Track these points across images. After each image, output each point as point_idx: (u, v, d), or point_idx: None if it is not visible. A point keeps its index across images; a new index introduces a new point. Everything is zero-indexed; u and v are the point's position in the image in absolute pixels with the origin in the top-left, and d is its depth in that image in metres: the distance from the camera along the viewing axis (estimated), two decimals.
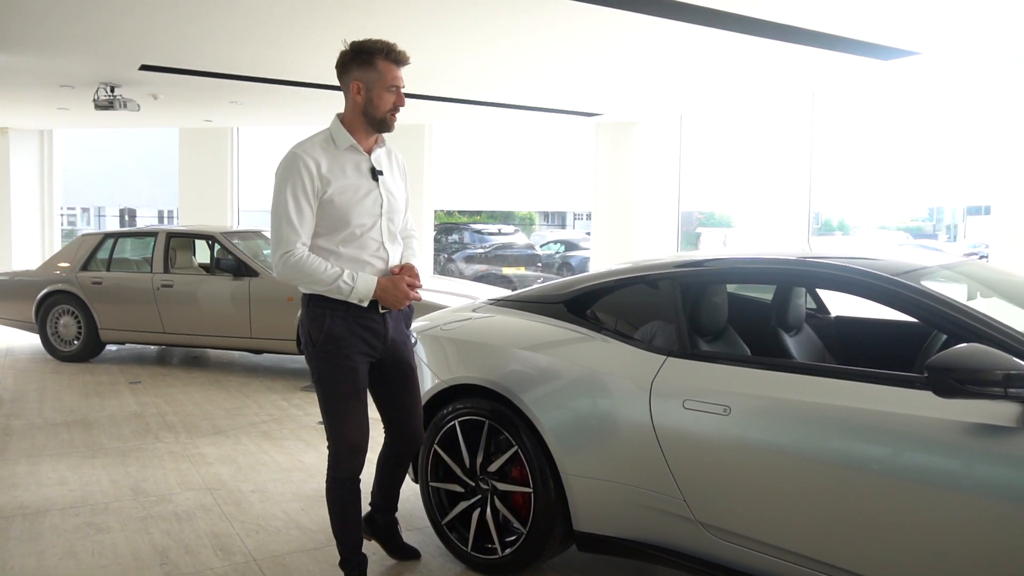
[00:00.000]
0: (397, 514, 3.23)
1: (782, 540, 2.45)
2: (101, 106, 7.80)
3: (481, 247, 17.52)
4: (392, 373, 2.85)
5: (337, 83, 2.81)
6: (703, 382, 2.66)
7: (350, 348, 2.68)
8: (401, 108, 2.66)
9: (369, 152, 2.69)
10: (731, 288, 3.97)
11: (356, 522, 2.88)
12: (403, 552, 3.22)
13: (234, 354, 8.30)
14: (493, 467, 3.09)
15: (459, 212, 22.93)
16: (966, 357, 2.06)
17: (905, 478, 2.21)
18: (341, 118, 2.69)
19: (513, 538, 3.05)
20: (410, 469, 3.45)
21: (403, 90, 2.67)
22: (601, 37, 6.07)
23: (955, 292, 2.93)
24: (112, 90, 7.78)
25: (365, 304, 2.66)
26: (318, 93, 8.33)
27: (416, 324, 3.69)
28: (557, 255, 19.70)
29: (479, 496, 3.14)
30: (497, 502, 3.09)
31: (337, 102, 9.03)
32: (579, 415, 2.90)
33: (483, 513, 3.12)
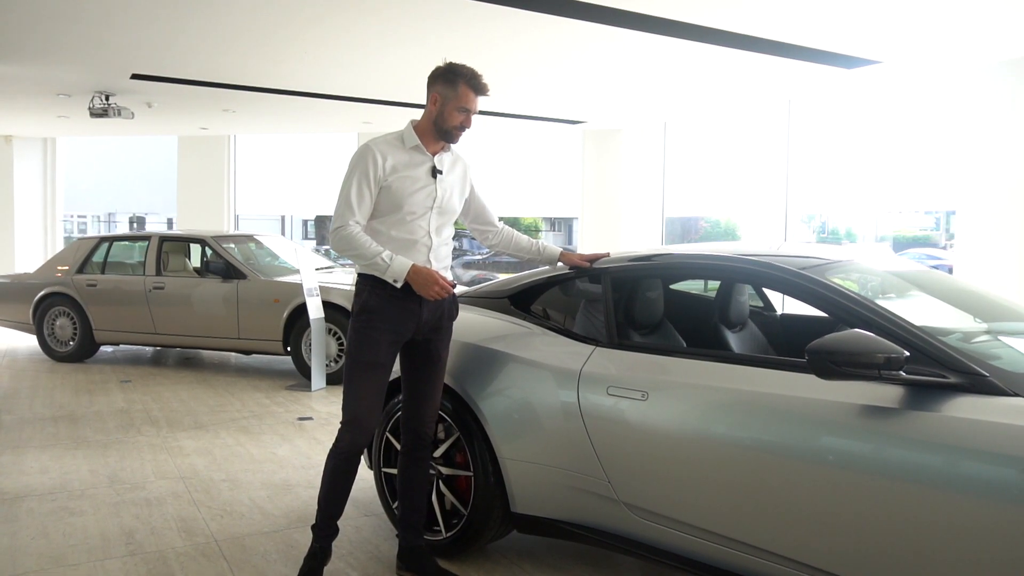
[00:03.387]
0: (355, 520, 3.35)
1: (693, 518, 2.61)
2: (96, 114, 8.04)
3: (478, 253, 17.71)
4: (419, 357, 3.01)
5: (324, 92, 3.01)
6: (625, 370, 2.83)
7: (379, 323, 2.86)
8: (467, 128, 2.94)
9: (433, 154, 2.95)
10: (683, 286, 4.17)
11: (340, 494, 2.98)
12: None
13: (226, 355, 8.52)
14: (438, 452, 3.26)
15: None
16: (844, 341, 2.23)
17: (797, 456, 2.37)
18: (414, 124, 2.96)
19: (456, 520, 3.22)
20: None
21: (473, 114, 2.94)
22: (583, 47, 6.27)
23: (866, 284, 3.11)
24: (107, 98, 8.03)
25: (399, 285, 2.82)
26: (307, 102, 8.55)
27: None
28: None
29: None
30: (442, 486, 3.26)
31: (326, 111, 9.23)
32: (515, 402, 3.07)
33: (429, 496, 3.29)
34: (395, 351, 2.94)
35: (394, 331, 2.88)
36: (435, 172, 2.93)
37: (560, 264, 3.28)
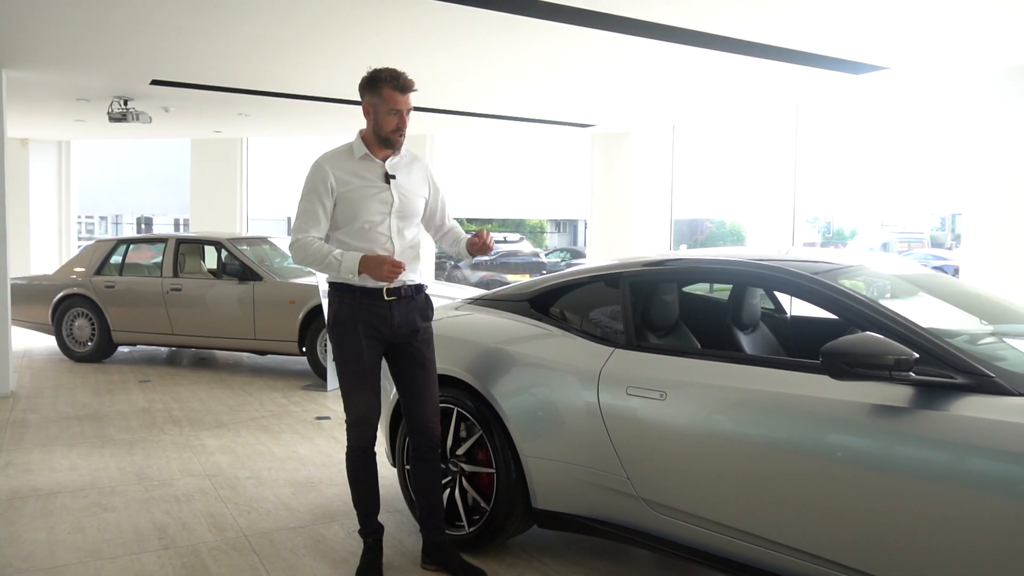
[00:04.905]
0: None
1: (710, 513, 2.72)
2: (115, 118, 8.18)
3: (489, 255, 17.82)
4: (403, 361, 3.10)
5: (339, 96, 3.10)
6: (644, 371, 2.94)
7: (354, 331, 2.98)
8: (404, 129, 2.97)
9: (384, 159, 3.01)
10: (697, 289, 4.27)
11: (368, 490, 3.13)
12: (467, 574, 3.11)
13: (241, 355, 8.65)
14: (461, 450, 3.38)
15: (467, 220, 23.27)
16: (857, 344, 2.33)
17: (810, 453, 2.47)
18: (362, 133, 3.05)
19: (479, 516, 3.34)
20: (388, 452, 3.77)
21: (409, 111, 2.99)
22: (594, 53, 6.38)
23: (877, 289, 3.22)
24: (125, 103, 8.16)
25: (356, 277, 2.90)
26: (322, 106, 8.68)
27: None
28: (563, 263, 19.99)
29: (449, 477, 3.42)
30: (464, 482, 3.38)
31: (340, 114, 9.32)
32: (537, 402, 3.18)
33: (452, 493, 3.41)
34: (378, 351, 3.05)
35: (370, 336, 2.99)
36: (388, 177, 2.99)
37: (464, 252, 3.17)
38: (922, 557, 2.26)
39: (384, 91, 2.93)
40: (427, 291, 3.19)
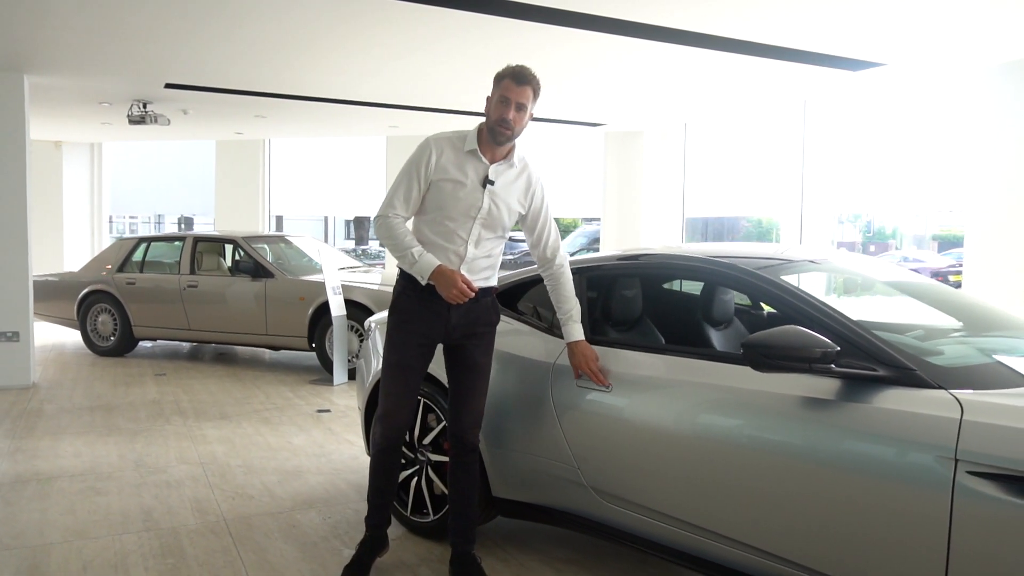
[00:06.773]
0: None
1: (651, 502, 2.79)
2: (134, 121, 8.47)
3: (510, 253, 17.94)
4: (456, 362, 3.05)
5: (356, 99, 3.09)
6: None
7: (408, 324, 2.93)
8: (509, 122, 2.79)
9: (492, 162, 2.89)
10: (677, 285, 4.33)
11: (383, 486, 3.09)
12: None
13: (257, 350, 8.88)
14: (427, 440, 3.49)
15: None
16: (778, 336, 2.38)
17: (741, 444, 2.54)
18: (480, 125, 2.92)
19: (444, 504, 3.45)
20: (365, 440, 3.90)
21: (522, 109, 2.81)
22: (605, 56, 6.46)
23: (822, 284, 3.26)
24: (144, 106, 8.45)
25: (423, 283, 2.84)
26: (339, 108, 8.87)
27: (375, 316, 4.15)
28: None
29: (416, 466, 3.54)
30: (430, 471, 3.49)
31: (355, 115, 9.43)
32: (497, 393, 3.27)
33: (418, 481, 3.52)
34: (425, 353, 2.99)
35: (422, 334, 2.94)
36: (487, 181, 2.87)
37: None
38: (848, 546, 2.30)
39: (504, 80, 2.82)
40: (494, 295, 3.08)
